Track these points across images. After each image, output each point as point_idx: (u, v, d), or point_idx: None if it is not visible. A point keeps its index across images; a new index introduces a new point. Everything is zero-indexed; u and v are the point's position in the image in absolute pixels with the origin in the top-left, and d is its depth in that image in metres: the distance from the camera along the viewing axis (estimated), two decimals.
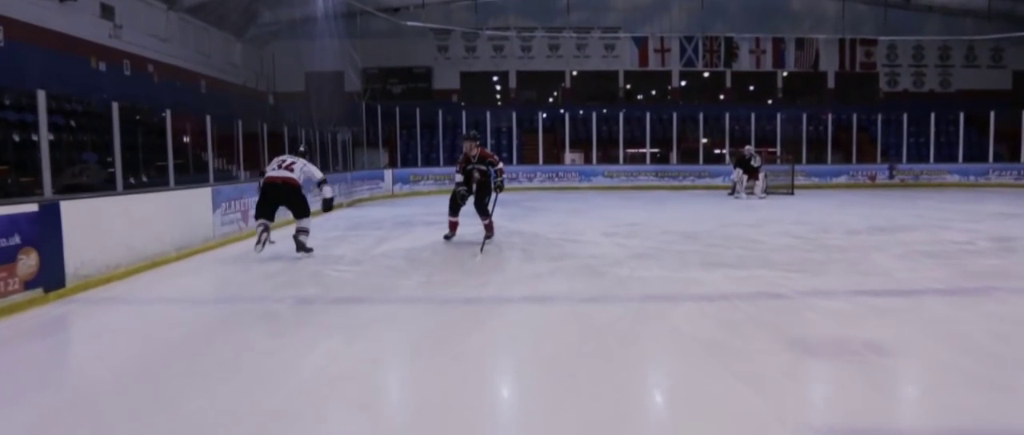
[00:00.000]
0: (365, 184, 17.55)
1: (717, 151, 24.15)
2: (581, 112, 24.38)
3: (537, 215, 12.70)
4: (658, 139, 23.55)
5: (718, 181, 21.15)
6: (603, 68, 26.59)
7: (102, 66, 15.49)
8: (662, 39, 25.56)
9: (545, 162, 22.18)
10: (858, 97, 26.92)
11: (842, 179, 22.28)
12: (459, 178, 8.66)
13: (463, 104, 25.59)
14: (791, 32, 25.93)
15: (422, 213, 13.48)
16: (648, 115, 22.39)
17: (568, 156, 22.74)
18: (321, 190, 7.67)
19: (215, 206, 8.50)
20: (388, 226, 11.13)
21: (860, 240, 8.97)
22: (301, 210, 7.49)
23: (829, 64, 26.49)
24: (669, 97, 27.06)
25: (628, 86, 27.17)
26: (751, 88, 27.43)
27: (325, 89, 26.56)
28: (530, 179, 21.11)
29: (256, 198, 7.64)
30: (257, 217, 7.45)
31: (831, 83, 26.91)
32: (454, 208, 8.67)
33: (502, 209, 11.85)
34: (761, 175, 17.32)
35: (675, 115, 23.00)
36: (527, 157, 23.23)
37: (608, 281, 6.20)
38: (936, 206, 14.71)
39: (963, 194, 18.75)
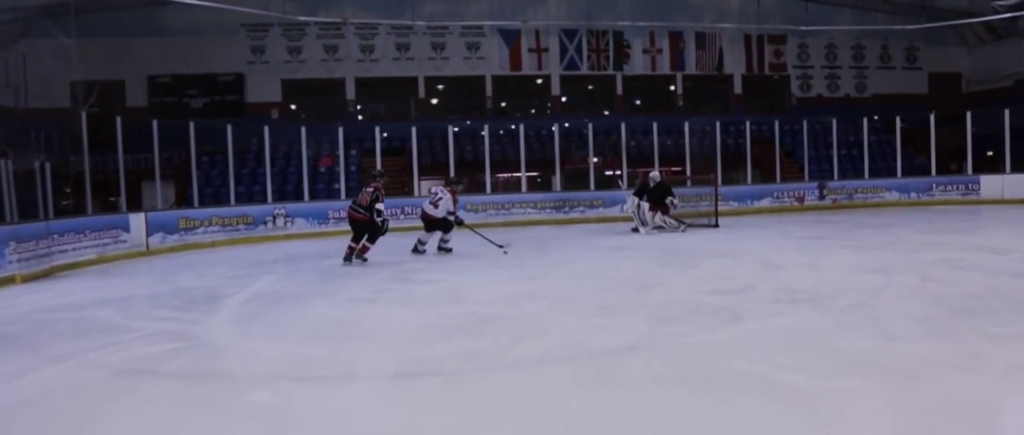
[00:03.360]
0: (86, 240, 11.07)
1: (609, 173, 19.23)
2: (438, 128, 18.72)
3: (307, 301, 6.86)
4: (536, 160, 18.45)
5: (616, 212, 16.14)
6: (466, 73, 21.27)
7: None
8: (537, 34, 20.47)
9: (389, 194, 16.05)
10: (768, 104, 22.96)
11: (765, 201, 17.84)
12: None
13: (303, 118, 19.75)
14: (690, 28, 21.58)
15: (95, 300, 7.16)
16: (523, 129, 17.03)
17: (420, 185, 16.78)
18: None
19: None
20: None
21: (990, 359, 3.75)
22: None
23: (735, 66, 22.48)
24: (549, 108, 21.94)
25: (498, 98, 21.87)
26: (645, 95, 22.82)
27: (89, 104, 19.78)
28: None
29: None
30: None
31: (738, 88, 22.74)
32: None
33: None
34: (673, 204, 13.25)
35: (556, 129, 17.88)
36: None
37: None
38: (935, 241, 10.13)
39: (921, 215, 14.69)
